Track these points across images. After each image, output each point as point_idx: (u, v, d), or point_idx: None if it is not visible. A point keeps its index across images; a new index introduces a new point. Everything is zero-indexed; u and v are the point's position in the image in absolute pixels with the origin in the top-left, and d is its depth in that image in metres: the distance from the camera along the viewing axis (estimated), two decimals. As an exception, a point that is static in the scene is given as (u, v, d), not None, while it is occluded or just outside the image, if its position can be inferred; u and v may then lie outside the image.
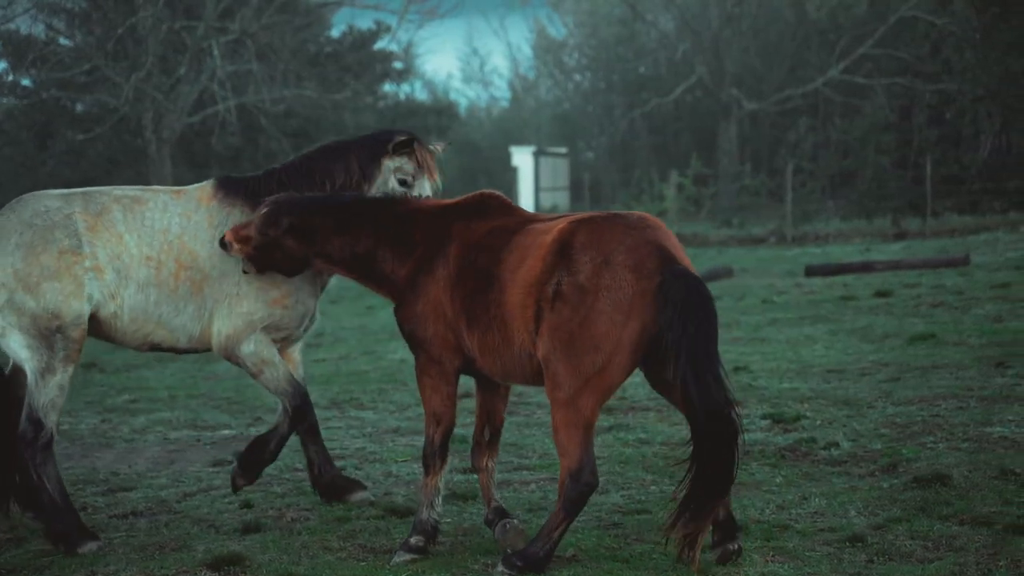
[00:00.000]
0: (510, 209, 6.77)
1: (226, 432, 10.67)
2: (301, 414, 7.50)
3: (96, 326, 7.32)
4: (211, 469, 9.13)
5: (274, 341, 7.47)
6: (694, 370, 5.89)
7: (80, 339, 7.18)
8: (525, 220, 6.61)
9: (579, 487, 6.02)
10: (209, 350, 7.53)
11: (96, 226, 7.24)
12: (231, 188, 7.49)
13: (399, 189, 7.46)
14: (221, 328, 7.34)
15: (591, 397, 5.99)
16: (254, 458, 7.57)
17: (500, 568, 6.16)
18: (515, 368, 6.37)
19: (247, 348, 7.35)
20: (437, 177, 7.58)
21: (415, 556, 6.54)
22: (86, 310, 7.17)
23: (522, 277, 6.18)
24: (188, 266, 7.31)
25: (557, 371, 5.99)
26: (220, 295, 7.32)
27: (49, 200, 7.31)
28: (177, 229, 7.34)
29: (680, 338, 5.85)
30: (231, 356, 7.41)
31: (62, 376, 7.13)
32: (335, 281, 8.09)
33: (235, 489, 7.72)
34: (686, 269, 5.99)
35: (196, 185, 7.64)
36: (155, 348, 7.53)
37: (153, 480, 8.87)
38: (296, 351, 7.85)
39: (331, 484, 7.78)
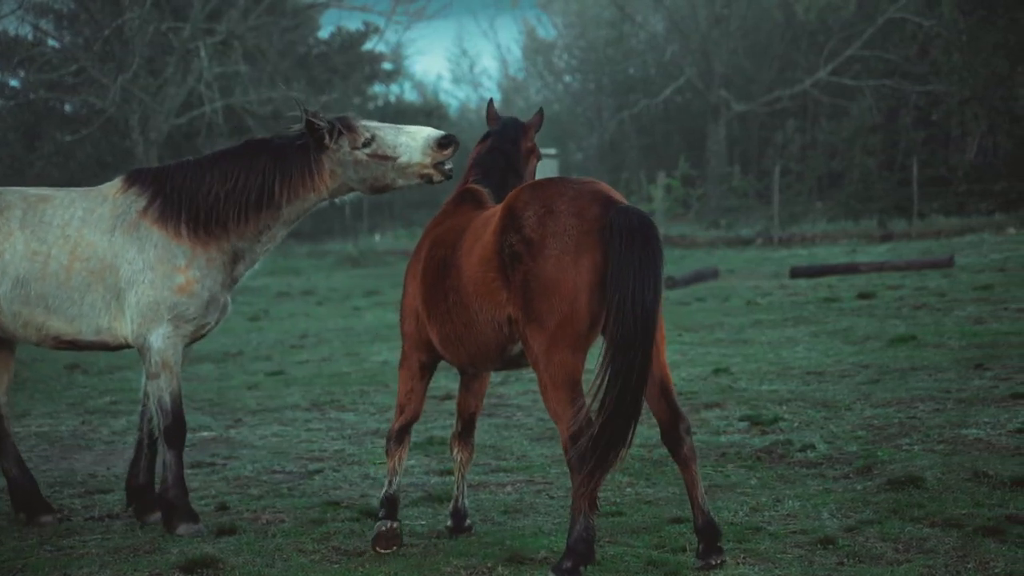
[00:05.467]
0: (481, 204, 6.87)
1: (205, 434, 10.67)
2: (171, 435, 7.35)
3: None
4: (188, 471, 9.09)
5: (187, 337, 7.40)
6: (631, 293, 5.75)
7: None
8: (485, 211, 6.68)
9: (581, 448, 5.87)
10: (123, 347, 7.49)
11: None
12: (138, 178, 7.52)
13: (366, 163, 7.24)
14: (133, 317, 7.31)
15: (564, 350, 5.88)
16: (166, 501, 7.38)
17: None
18: (480, 351, 6.41)
19: (156, 342, 7.28)
20: (359, 132, 7.20)
21: (384, 525, 6.76)
22: None
23: (478, 255, 6.22)
24: (85, 257, 7.31)
25: (526, 333, 5.96)
26: (126, 283, 7.29)
27: None
28: (77, 223, 7.39)
29: (623, 264, 5.78)
30: (141, 348, 7.34)
31: None
32: (324, 281, 8.04)
33: (181, 534, 7.34)
34: (631, 205, 5.99)
35: (110, 182, 7.67)
36: (60, 342, 7.47)
37: (131, 482, 8.86)
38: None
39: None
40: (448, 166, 7.23)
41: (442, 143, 7.15)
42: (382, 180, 7.29)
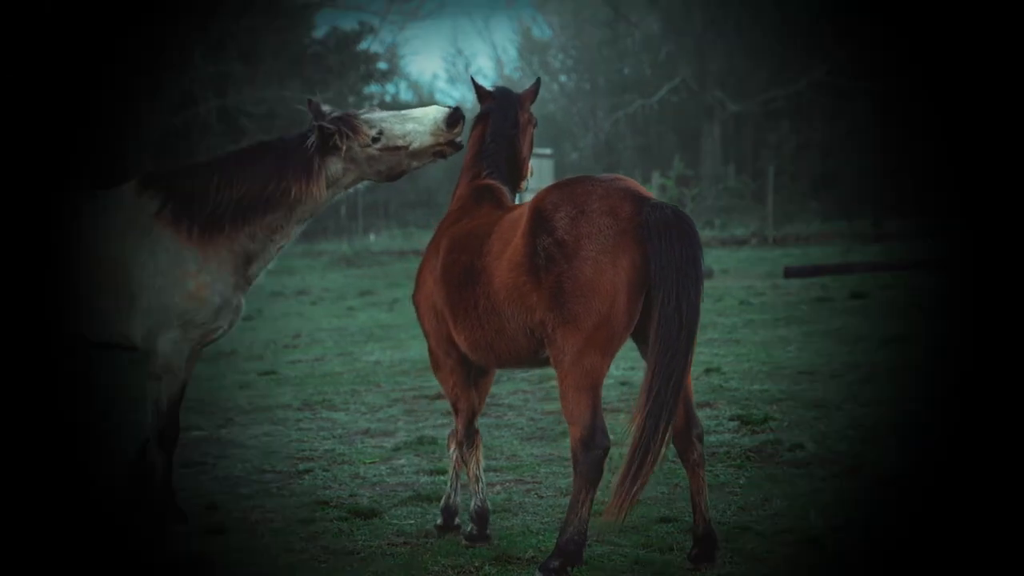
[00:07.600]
0: (500, 204, 6.86)
1: (195, 433, 10.65)
2: (164, 438, 7.32)
3: None
4: (180, 470, 9.10)
5: (195, 341, 7.36)
6: (676, 290, 5.79)
7: None
8: (509, 212, 6.61)
9: (592, 453, 5.86)
10: (130, 348, 7.46)
11: None
12: (152, 181, 7.47)
13: (379, 156, 7.23)
14: (144, 321, 7.26)
15: (596, 353, 5.84)
16: (155, 501, 7.39)
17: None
18: (511, 356, 6.37)
19: (164, 347, 7.25)
20: (364, 132, 7.20)
21: (472, 544, 6.78)
22: None
23: (508, 259, 6.13)
24: (99, 260, 7.23)
25: (556, 336, 5.88)
26: (138, 287, 7.22)
27: None
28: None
29: (664, 261, 5.78)
30: (151, 350, 7.31)
31: None
32: (318, 281, 8.02)
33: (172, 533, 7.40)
34: (663, 202, 5.95)
35: (125, 184, 7.62)
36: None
37: (120, 482, 8.85)
38: None
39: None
40: (459, 139, 7.21)
41: (450, 122, 7.13)
42: (398, 168, 7.29)
